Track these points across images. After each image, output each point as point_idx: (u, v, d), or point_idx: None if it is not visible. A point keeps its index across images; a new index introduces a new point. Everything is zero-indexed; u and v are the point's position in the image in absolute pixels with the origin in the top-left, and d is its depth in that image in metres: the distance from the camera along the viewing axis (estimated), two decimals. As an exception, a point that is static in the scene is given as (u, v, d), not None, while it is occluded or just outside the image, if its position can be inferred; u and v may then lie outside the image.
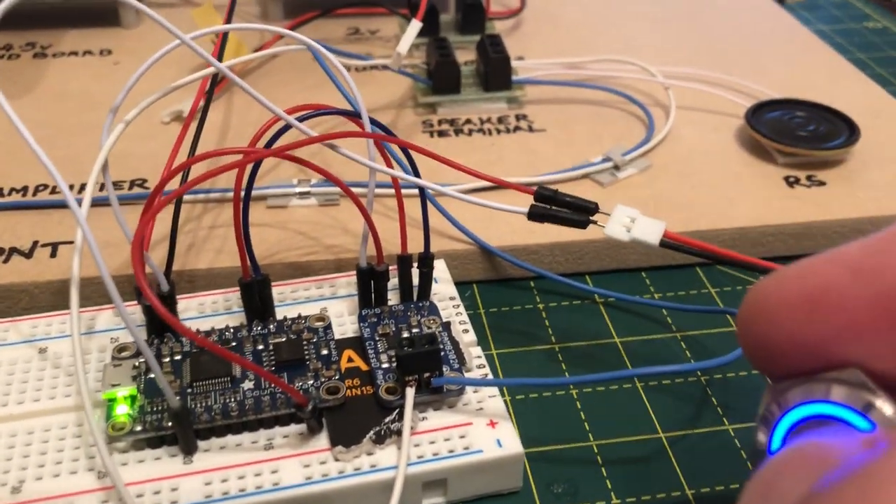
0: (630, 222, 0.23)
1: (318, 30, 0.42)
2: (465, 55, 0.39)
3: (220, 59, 0.28)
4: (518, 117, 0.36)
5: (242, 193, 0.22)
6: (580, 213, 0.24)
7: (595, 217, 0.24)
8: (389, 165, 0.24)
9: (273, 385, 0.22)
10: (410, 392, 0.22)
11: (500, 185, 0.25)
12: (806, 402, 0.16)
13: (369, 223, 0.23)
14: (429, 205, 0.25)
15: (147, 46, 0.42)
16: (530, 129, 0.35)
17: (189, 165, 0.22)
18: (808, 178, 0.32)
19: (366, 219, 0.23)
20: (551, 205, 0.24)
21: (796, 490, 0.13)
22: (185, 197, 0.29)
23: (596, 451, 0.23)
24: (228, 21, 0.30)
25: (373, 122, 0.23)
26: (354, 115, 0.23)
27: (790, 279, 0.16)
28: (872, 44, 0.47)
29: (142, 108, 0.23)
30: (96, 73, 0.39)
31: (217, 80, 0.29)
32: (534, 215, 0.24)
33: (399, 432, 0.21)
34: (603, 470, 0.23)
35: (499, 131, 0.35)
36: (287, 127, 0.23)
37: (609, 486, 0.22)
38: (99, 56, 0.41)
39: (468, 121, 0.35)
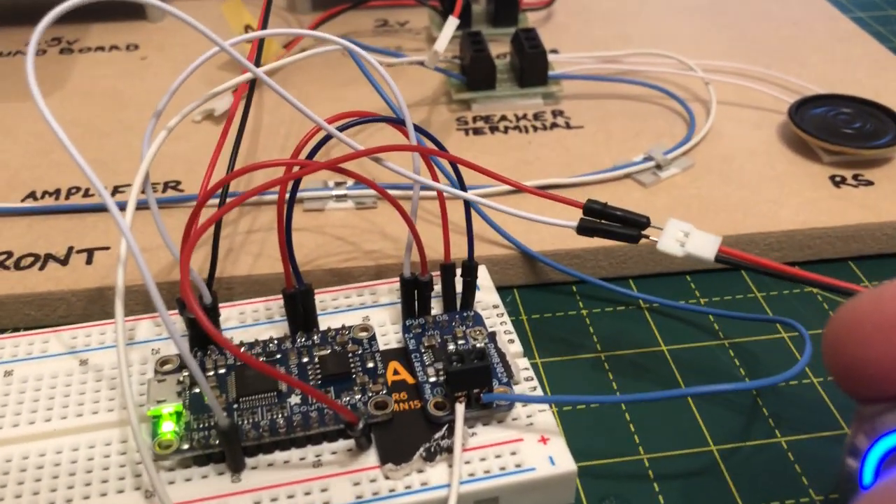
0: (684, 237, 0.23)
1: (346, 23, 0.42)
2: (498, 48, 0.39)
3: (256, 63, 0.27)
4: (555, 113, 0.35)
5: (286, 205, 0.22)
6: (631, 227, 0.23)
7: (647, 231, 0.23)
8: (433, 173, 0.23)
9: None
10: (461, 409, 0.21)
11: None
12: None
13: (415, 234, 0.23)
14: (472, 212, 0.25)
15: (174, 41, 0.41)
16: (567, 126, 0.34)
17: (228, 181, 0.22)
18: (855, 177, 0.31)
19: (411, 230, 0.23)
20: (601, 219, 0.23)
21: None
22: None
23: (647, 465, 0.23)
24: (265, 25, 0.30)
25: (417, 129, 0.23)
26: (399, 123, 0.23)
27: (888, 300, 0.15)
28: (912, 31, 0.46)
29: (183, 114, 0.23)
30: (123, 70, 0.39)
31: (254, 84, 0.29)
32: (583, 230, 0.23)
33: (449, 449, 0.21)
34: (655, 485, 0.22)
35: (535, 129, 0.34)
36: (350, 125, 0.23)
37: (662, 502, 0.22)
38: (125, 51, 0.40)
39: (503, 117, 0.35)
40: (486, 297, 0.26)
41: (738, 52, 0.39)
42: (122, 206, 0.21)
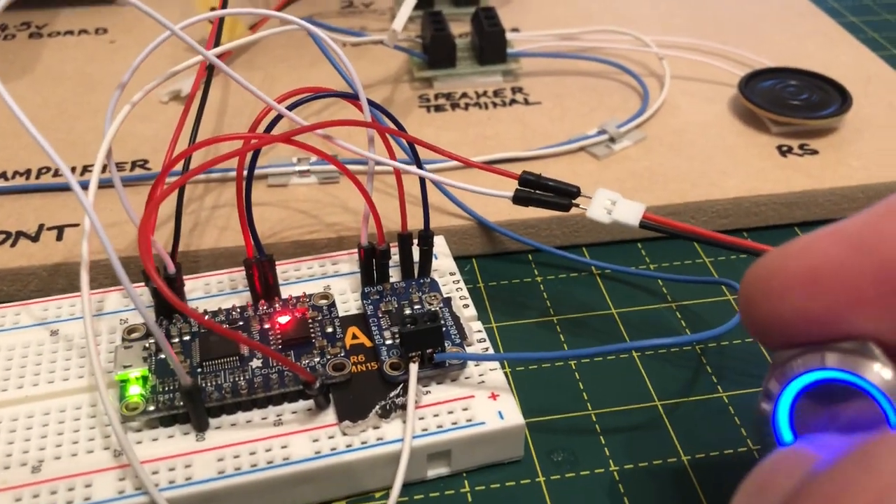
0: (611, 205, 0.24)
1: (312, 4, 0.42)
2: (461, 27, 0.40)
3: (216, 43, 0.28)
4: (514, 90, 0.36)
5: (245, 178, 0.23)
6: (563, 196, 0.24)
7: (578, 199, 0.24)
8: (388, 147, 0.24)
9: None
10: (414, 368, 0.22)
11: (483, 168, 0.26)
12: (804, 372, 0.16)
13: (371, 206, 0.24)
14: (428, 184, 0.26)
15: (142, 24, 0.42)
16: (526, 102, 0.35)
17: (190, 153, 0.23)
18: (801, 147, 0.32)
19: (367, 202, 0.24)
20: (535, 189, 0.24)
21: (789, 485, 0.13)
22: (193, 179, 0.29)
23: (594, 419, 0.24)
24: (225, 5, 0.30)
25: (373, 104, 0.24)
26: (353, 98, 0.24)
27: (792, 256, 0.16)
28: (866, 7, 0.47)
29: (146, 91, 0.24)
30: (92, 54, 0.39)
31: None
32: (518, 199, 0.24)
33: (404, 406, 0.22)
34: (601, 438, 0.23)
35: (495, 105, 0.35)
36: (290, 107, 0.24)
37: (607, 454, 0.23)
38: (94, 35, 0.41)
39: (464, 94, 0.36)
40: (444, 265, 0.27)
41: (695, 28, 0.40)
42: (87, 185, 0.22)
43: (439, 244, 0.27)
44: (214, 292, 0.26)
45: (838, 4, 0.47)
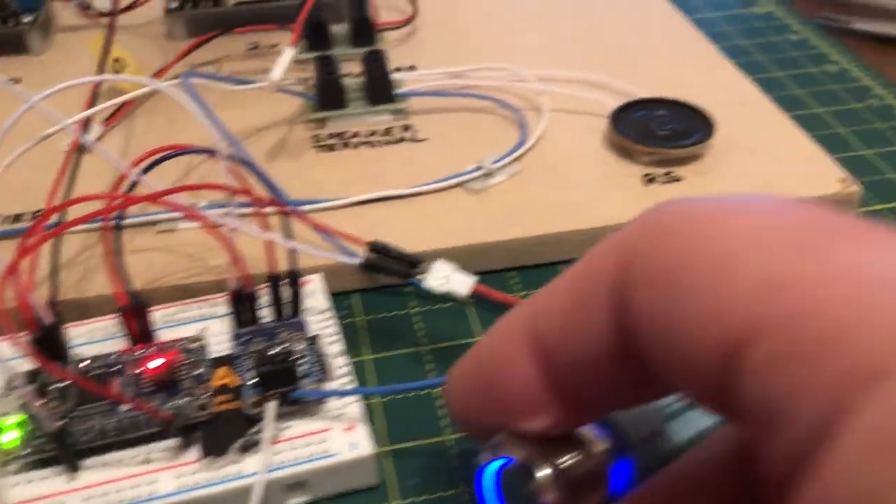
0: (446, 276, 0.27)
1: (220, 47, 0.44)
2: (358, 67, 0.41)
3: (93, 104, 0.30)
4: (404, 128, 0.38)
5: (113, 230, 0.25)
6: (405, 265, 0.27)
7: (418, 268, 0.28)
8: (258, 201, 0.26)
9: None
10: (270, 406, 0.24)
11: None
12: (488, 462, 0.20)
13: (232, 255, 0.25)
14: (298, 224, 0.28)
15: (54, 73, 0.43)
16: (413, 140, 0.37)
17: (60, 210, 0.24)
18: (666, 174, 0.34)
19: (227, 249, 0.25)
20: (384, 255, 0.27)
21: None
22: (77, 228, 0.31)
23: (452, 444, 0.26)
24: (102, 70, 0.32)
25: (239, 159, 0.26)
26: (208, 153, 0.25)
27: (449, 374, 0.21)
28: (757, 30, 0.50)
29: (16, 155, 0.25)
30: (3, 104, 0.41)
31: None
32: (367, 266, 0.27)
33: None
34: (458, 461, 0.25)
35: (384, 143, 0.37)
36: (163, 158, 0.26)
37: (463, 475, 0.25)
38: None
39: (356, 134, 0.38)
40: (317, 303, 0.29)
41: (581, 61, 0.42)
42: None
43: (316, 282, 0.29)
44: (98, 338, 0.28)
45: (729, 27, 0.49)
